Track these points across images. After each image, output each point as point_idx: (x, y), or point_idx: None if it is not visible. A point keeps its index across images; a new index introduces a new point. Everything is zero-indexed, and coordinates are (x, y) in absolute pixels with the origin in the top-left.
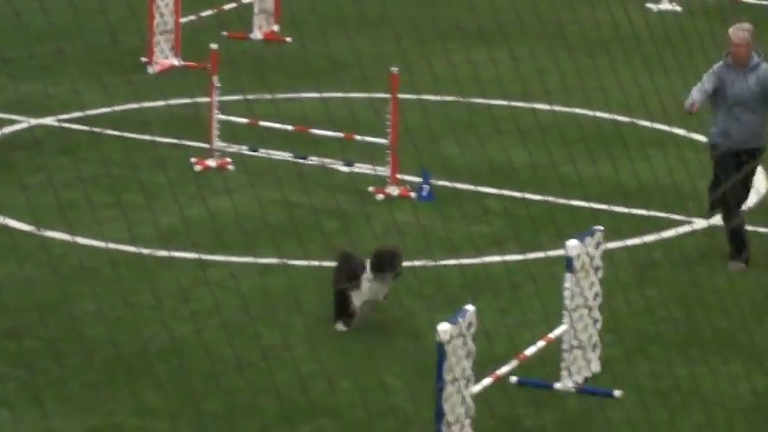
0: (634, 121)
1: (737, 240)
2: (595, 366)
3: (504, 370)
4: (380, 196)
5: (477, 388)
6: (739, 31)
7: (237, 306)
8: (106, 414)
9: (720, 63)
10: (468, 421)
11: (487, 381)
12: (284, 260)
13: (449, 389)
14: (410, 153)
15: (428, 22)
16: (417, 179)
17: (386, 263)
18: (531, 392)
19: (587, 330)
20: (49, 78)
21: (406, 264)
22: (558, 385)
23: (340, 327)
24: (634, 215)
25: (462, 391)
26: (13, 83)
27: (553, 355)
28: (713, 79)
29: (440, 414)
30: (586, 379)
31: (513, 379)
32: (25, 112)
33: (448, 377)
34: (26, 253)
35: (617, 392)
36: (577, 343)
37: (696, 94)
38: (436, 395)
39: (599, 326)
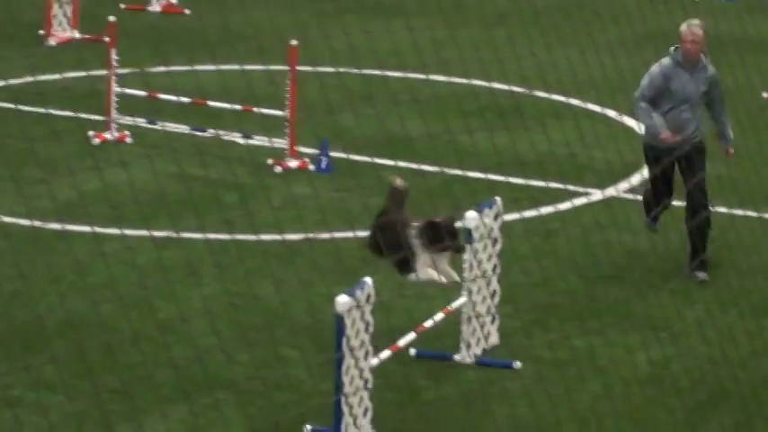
0: (531, 92)
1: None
2: (494, 338)
3: (402, 342)
4: (278, 169)
5: (375, 360)
6: (693, 28)
7: (134, 280)
8: (2, 388)
9: (668, 61)
10: (366, 393)
11: (386, 353)
12: (181, 233)
13: (347, 361)
14: (308, 125)
15: None
16: (315, 151)
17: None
18: (430, 364)
19: (485, 302)
20: None
21: (302, 236)
22: (456, 357)
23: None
24: (531, 186)
25: (361, 364)
26: None
27: (451, 327)
28: (656, 83)
29: (338, 386)
30: (485, 351)
31: (412, 351)
32: None
33: (346, 349)
34: None
35: (516, 364)
36: (476, 315)
37: (658, 119)
38: (335, 367)
39: (497, 298)
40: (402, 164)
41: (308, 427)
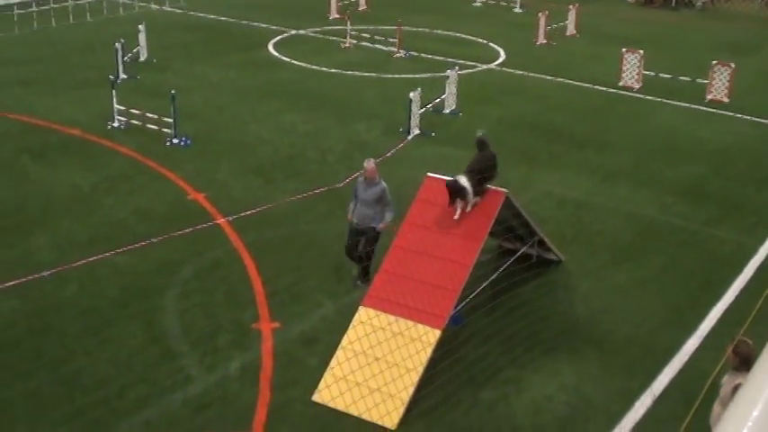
0: None
1: (366, 270)
2: None
3: None
4: None
5: None
6: (371, 164)
7: None
8: None
9: (361, 179)
10: None
11: None
12: None
13: None
14: None
15: None
16: None
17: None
18: None
19: None
20: None
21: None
22: None
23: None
24: None
25: None
26: None
27: None
28: (354, 191)
29: None
30: None
31: None
32: None
33: None
34: None
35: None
36: None
37: (350, 207)
38: None
39: None
40: None
41: None
